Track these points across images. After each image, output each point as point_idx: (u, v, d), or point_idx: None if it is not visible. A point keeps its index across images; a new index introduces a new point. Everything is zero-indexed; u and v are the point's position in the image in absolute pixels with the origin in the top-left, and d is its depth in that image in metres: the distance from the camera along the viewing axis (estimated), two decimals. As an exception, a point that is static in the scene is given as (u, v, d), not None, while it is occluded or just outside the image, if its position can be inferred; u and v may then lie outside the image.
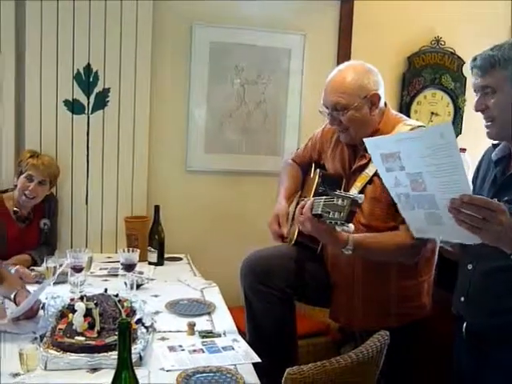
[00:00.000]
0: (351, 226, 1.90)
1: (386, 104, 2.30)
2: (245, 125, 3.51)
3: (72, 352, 1.83)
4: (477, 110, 1.77)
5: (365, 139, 1.77)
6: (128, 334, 1.30)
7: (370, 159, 2.20)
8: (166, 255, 3.21)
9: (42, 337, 1.92)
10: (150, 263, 3.11)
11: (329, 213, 1.90)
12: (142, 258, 2.91)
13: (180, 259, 3.29)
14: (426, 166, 1.61)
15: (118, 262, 2.90)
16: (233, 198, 3.52)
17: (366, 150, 2.19)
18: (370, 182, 2.19)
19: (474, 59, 1.74)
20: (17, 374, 1.75)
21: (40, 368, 1.78)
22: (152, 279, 2.83)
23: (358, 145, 2.24)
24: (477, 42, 3.24)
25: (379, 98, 2.23)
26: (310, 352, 2.91)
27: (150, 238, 3.14)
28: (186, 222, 3.46)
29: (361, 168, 2.25)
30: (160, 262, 3.13)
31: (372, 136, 2.20)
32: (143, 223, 3.23)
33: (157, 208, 3.17)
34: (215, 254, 3.40)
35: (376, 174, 2.15)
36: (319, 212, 1.96)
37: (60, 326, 1.96)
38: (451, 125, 1.54)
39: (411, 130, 2.16)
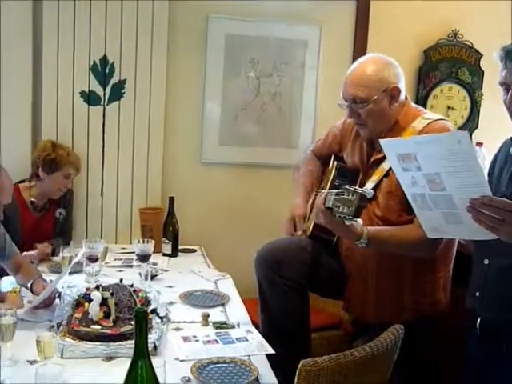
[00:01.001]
0: (359, 221, 1.90)
1: (406, 97, 2.28)
2: (260, 117, 3.51)
3: (88, 340, 1.85)
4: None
5: (380, 140, 1.76)
6: (145, 322, 1.31)
7: None
8: (179, 247, 3.22)
9: (58, 325, 1.93)
10: (164, 254, 3.12)
11: (339, 207, 1.90)
12: (156, 250, 2.92)
13: (194, 251, 3.30)
14: (444, 167, 1.60)
15: (133, 252, 2.92)
16: (247, 191, 3.52)
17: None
18: (387, 175, 2.18)
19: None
20: (33, 361, 1.77)
21: (56, 356, 1.80)
22: (166, 270, 2.85)
23: (376, 139, 2.23)
24: (495, 36, 3.25)
25: (399, 91, 2.21)
26: (323, 345, 2.91)
27: (164, 229, 3.15)
28: (200, 213, 3.47)
29: (378, 161, 2.24)
30: (174, 253, 3.14)
31: (390, 129, 2.22)
32: (158, 215, 3.24)
33: (171, 199, 3.18)
34: (229, 246, 3.41)
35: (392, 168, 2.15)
36: (330, 205, 1.96)
37: (76, 315, 1.98)
38: (468, 134, 1.54)
39: (430, 123, 2.15)
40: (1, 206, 2.30)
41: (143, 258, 2.58)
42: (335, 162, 2.43)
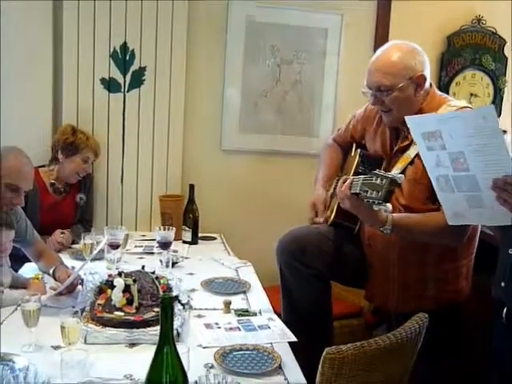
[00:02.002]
0: (389, 206, 1.89)
1: (431, 84, 2.24)
2: (280, 105, 3.48)
3: (111, 327, 1.86)
4: None
5: (406, 117, 1.74)
6: (170, 309, 1.31)
7: (412, 140, 2.17)
8: (199, 234, 3.22)
9: (81, 311, 1.94)
10: (185, 242, 3.12)
11: (367, 192, 1.88)
12: (177, 237, 2.92)
13: (214, 238, 3.30)
14: (469, 145, 1.58)
15: (153, 240, 2.93)
16: (267, 178, 3.50)
17: (407, 131, 2.18)
18: (412, 163, 2.16)
19: None
20: (57, 347, 1.79)
21: (80, 342, 1.81)
22: (187, 257, 2.85)
23: (401, 126, 2.20)
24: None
25: (425, 79, 2.17)
26: (343, 333, 2.90)
27: (184, 216, 3.15)
28: (220, 201, 3.46)
29: (402, 149, 2.22)
30: (194, 240, 3.14)
31: None
32: (178, 202, 3.24)
33: (192, 187, 3.18)
34: (249, 233, 3.40)
35: (417, 156, 2.13)
36: (357, 191, 1.94)
37: (99, 301, 1.98)
38: (494, 108, 1.51)
39: (456, 111, 2.11)
40: (22, 192, 2.32)
41: (164, 245, 2.58)
42: (358, 150, 2.41)
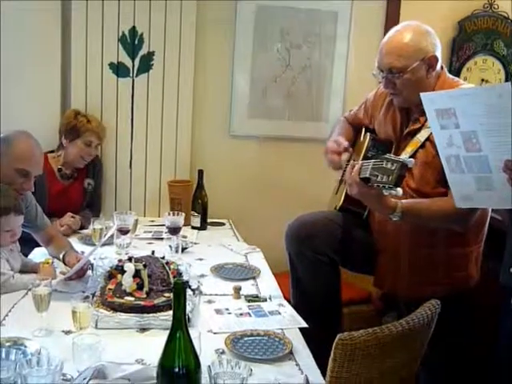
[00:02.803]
0: (399, 190, 1.86)
1: (442, 67, 2.23)
2: (289, 90, 3.45)
3: (122, 312, 1.86)
4: None
5: (421, 94, 1.72)
6: (183, 294, 1.30)
7: (423, 124, 2.15)
8: (208, 220, 3.21)
9: (92, 296, 1.94)
10: (193, 227, 3.12)
11: (377, 176, 1.87)
12: (185, 223, 2.91)
13: (222, 224, 3.29)
14: (482, 124, 1.56)
15: (162, 225, 2.93)
16: (276, 164, 3.48)
17: (419, 113, 2.17)
18: (422, 146, 2.14)
19: None
20: (68, 332, 1.79)
21: (91, 326, 1.81)
22: (196, 243, 2.84)
23: (413, 107, 2.19)
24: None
25: (437, 60, 2.16)
26: (352, 320, 2.90)
27: (193, 202, 3.14)
28: (229, 187, 3.45)
29: (413, 132, 2.20)
30: (203, 226, 3.13)
31: None
32: (187, 187, 3.23)
33: (201, 172, 3.16)
34: (257, 219, 3.39)
35: (428, 139, 2.11)
36: (367, 175, 1.93)
37: (109, 286, 1.98)
38: (510, 86, 1.48)
39: None
40: (32, 177, 2.32)
41: (173, 230, 2.58)
42: (368, 134, 2.39)
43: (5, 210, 2.10)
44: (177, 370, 1.30)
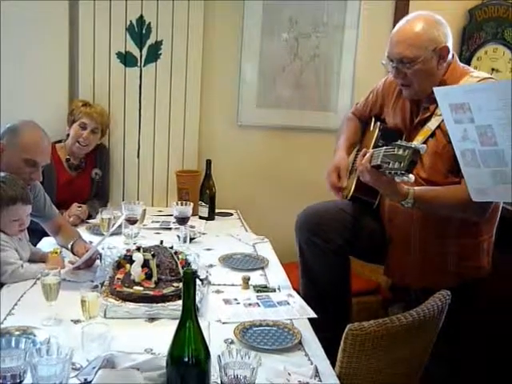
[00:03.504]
0: (411, 177, 1.84)
1: (453, 55, 2.20)
2: (297, 79, 3.43)
3: (131, 301, 1.86)
4: None
5: (434, 88, 1.70)
6: (193, 283, 1.29)
7: (433, 112, 2.14)
8: (215, 210, 3.20)
9: (101, 285, 1.94)
10: (201, 217, 3.11)
11: (388, 163, 1.86)
12: (193, 213, 2.91)
13: (230, 214, 3.28)
14: (498, 118, 1.54)
15: (170, 215, 2.93)
16: (284, 154, 3.47)
17: (429, 102, 2.15)
18: (432, 135, 2.12)
19: None
20: (77, 321, 1.79)
21: (100, 316, 1.81)
22: (204, 233, 2.83)
23: (424, 97, 2.17)
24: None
25: (448, 51, 2.13)
26: (360, 310, 2.90)
27: (201, 192, 3.14)
28: (236, 177, 3.44)
29: (423, 122, 2.18)
30: (211, 216, 3.13)
31: None
32: (194, 177, 3.22)
33: (209, 162, 3.15)
34: (265, 209, 3.38)
35: (439, 128, 2.09)
36: (378, 162, 1.91)
37: (118, 276, 1.98)
38: None
39: (479, 81, 2.07)
40: (39, 167, 2.32)
41: (182, 220, 2.57)
42: (378, 123, 2.38)
43: (12, 200, 2.10)
44: (186, 359, 1.30)
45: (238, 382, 1.25)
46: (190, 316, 1.31)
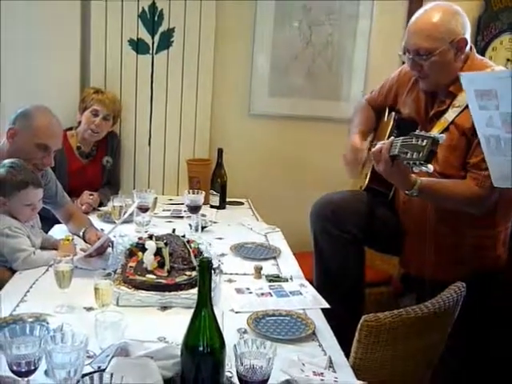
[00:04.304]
0: (430, 167, 1.82)
1: (471, 47, 2.17)
2: (310, 68, 3.40)
3: (143, 289, 1.85)
4: None
5: (461, 74, 1.67)
6: (208, 272, 1.28)
7: (449, 105, 2.11)
8: (226, 199, 3.19)
9: (113, 273, 1.93)
10: (212, 206, 3.10)
11: (406, 153, 1.84)
12: (204, 201, 2.89)
13: (241, 203, 3.27)
14: None
15: (181, 204, 2.92)
16: (296, 143, 3.45)
17: (445, 95, 2.13)
18: (446, 129, 2.09)
19: None
20: (90, 308, 1.78)
21: (112, 304, 1.80)
22: (215, 222, 2.82)
23: (439, 89, 2.14)
24: None
25: (466, 43, 2.10)
26: (371, 301, 2.88)
27: (212, 181, 3.12)
28: (247, 166, 3.42)
29: (439, 114, 2.16)
30: (222, 205, 3.12)
31: (454, 81, 2.12)
32: (206, 166, 3.21)
33: (220, 151, 3.14)
34: (276, 199, 3.36)
35: (453, 122, 2.07)
36: (396, 153, 1.89)
37: (130, 264, 1.97)
38: None
39: None
40: (51, 152, 2.31)
41: (193, 209, 2.56)
42: (393, 113, 2.35)
43: (23, 184, 2.10)
44: (201, 348, 1.29)
45: (254, 371, 1.24)
46: (205, 305, 1.30)
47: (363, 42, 3.42)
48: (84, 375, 1.23)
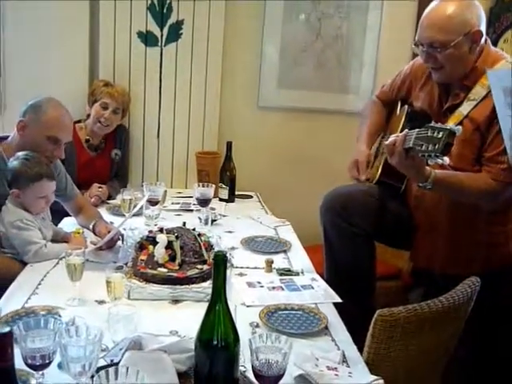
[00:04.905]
0: (446, 159, 1.79)
1: (486, 40, 2.13)
2: (319, 60, 3.38)
3: (154, 283, 1.84)
4: None
5: (488, 71, 1.66)
6: (223, 266, 1.27)
7: (464, 98, 2.08)
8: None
9: (125, 266, 1.93)
10: (221, 200, 3.08)
11: (421, 145, 1.81)
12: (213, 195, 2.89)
13: (250, 197, 3.26)
14: None
15: (190, 197, 2.91)
16: (305, 136, 3.43)
17: (460, 89, 2.10)
18: (460, 123, 2.06)
19: None
20: (102, 302, 1.78)
21: (123, 297, 1.79)
22: (224, 215, 2.81)
23: (454, 82, 2.12)
24: None
25: (481, 35, 2.06)
26: (380, 295, 2.86)
27: (221, 174, 3.11)
28: (256, 159, 3.41)
29: (453, 108, 2.13)
30: (231, 198, 3.10)
31: (468, 74, 2.09)
32: (215, 159, 3.19)
33: (229, 144, 3.12)
34: (285, 192, 3.34)
35: (467, 116, 2.05)
36: (410, 145, 1.87)
37: (141, 257, 1.97)
38: None
39: None
40: (62, 144, 2.30)
41: (203, 202, 2.56)
42: (405, 106, 2.33)
43: (37, 176, 2.10)
44: (215, 342, 1.28)
45: (270, 366, 1.23)
46: (219, 299, 1.29)
47: (373, 34, 3.40)
48: (98, 368, 1.23)
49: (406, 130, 1.93)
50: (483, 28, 2.08)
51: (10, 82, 3.11)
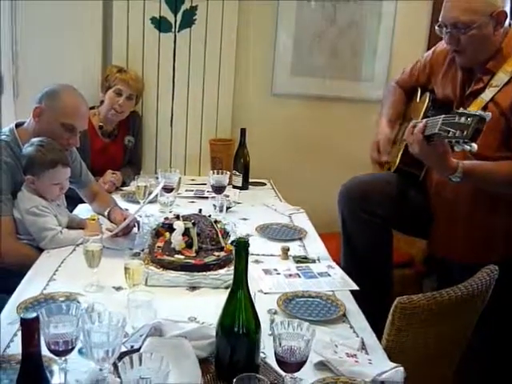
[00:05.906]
0: (474, 146, 1.74)
1: (510, 24, 2.09)
2: (334, 47, 3.35)
3: (172, 269, 1.84)
4: None
5: None
6: (245, 252, 1.27)
7: (487, 83, 2.05)
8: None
9: (142, 252, 1.93)
10: (235, 187, 3.08)
11: (448, 132, 1.77)
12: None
13: (264, 184, 3.25)
14: None
15: (203, 184, 2.91)
16: (318, 124, 3.41)
17: (482, 72, 2.07)
18: (485, 108, 2.03)
19: None
20: (119, 288, 1.78)
21: (141, 284, 1.79)
22: (239, 203, 2.80)
23: (477, 66, 2.09)
24: None
25: (506, 16, 2.02)
26: (395, 283, 2.86)
27: (235, 161, 3.10)
28: (270, 146, 3.39)
29: (475, 93, 2.10)
30: (245, 186, 3.09)
31: (492, 57, 2.06)
32: (228, 146, 3.19)
33: (243, 131, 3.10)
34: (298, 180, 3.33)
35: (492, 100, 2.02)
36: (436, 131, 1.83)
37: (158, 244, 1.97)
38: None
39: None
40: (77, 132, 2.30)
41: (218, 189, 2.55)
42: (427, 93, 2.30)
43: (52, 163, 2.10)
44: (236, 329, 1.29)
45: (293, 353, 1.23)
46: (241, 286, 1.29)
47: (389, 22, 3.37)
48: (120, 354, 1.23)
49: (425, 119, 1.91)
50: (508, 9, 2.05)
51: (22, 68, 3.10)
